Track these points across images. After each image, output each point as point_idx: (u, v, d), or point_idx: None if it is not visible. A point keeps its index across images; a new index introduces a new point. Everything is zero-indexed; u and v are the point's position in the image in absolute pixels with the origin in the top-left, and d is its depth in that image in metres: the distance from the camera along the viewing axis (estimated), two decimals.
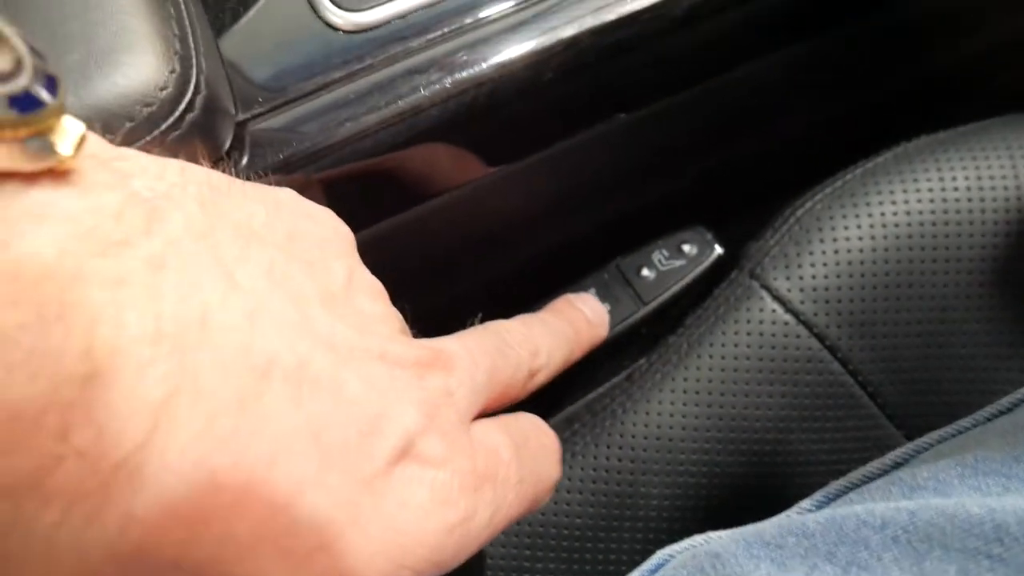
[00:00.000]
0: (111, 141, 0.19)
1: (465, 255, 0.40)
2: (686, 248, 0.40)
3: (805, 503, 0.30)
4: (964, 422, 0.31)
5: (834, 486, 0.30)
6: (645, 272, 0.40)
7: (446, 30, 0.31)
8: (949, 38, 0.47)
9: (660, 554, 0.27)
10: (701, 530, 0.37)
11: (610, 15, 0.32)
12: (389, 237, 0.34)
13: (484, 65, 0.30)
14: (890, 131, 0.41)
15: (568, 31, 0.32)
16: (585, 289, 0.40)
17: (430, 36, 0.31)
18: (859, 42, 0.43)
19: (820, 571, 0.23)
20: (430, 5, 0.31)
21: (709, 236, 0.40)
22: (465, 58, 0.30)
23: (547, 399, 0.39)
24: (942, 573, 0.20)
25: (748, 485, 0.37)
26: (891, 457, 0.31)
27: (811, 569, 0.23)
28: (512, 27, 0.32)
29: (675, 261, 0.40)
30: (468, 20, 0.31)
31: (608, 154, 0.40)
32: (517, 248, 0.42)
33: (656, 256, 0.40)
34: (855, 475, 0.30)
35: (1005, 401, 0.31)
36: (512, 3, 0.32)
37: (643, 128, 0.39)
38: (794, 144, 0.48)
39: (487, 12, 0.32)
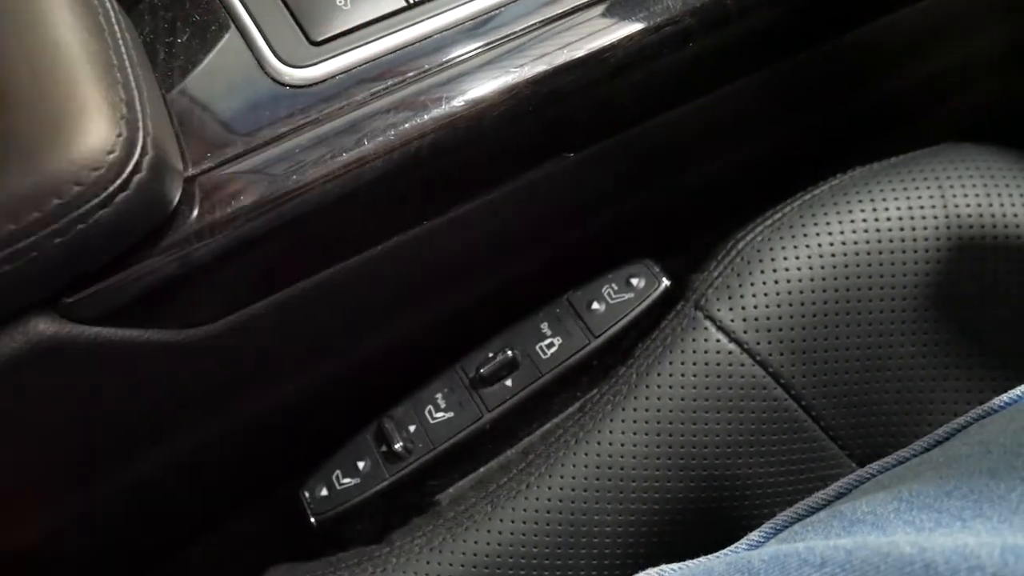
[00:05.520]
0: (60, 204, 0.19)
1: (418, 294, 0.41)
2: (634, 281, 0.41)
3: (754, 535, 0.30)
4: (904, 452, 0.32)
5: (781, 517, 0.31)
6: (595, 306, 0.41)
7: (390, 83, 0.32)
8: (882, 74, 0.49)
9: None
10: (654, 556, 0.38)
11: (550, 64, 0.34)
12: (339, 283, 0.35)
13: (426, 117, 0.32)
14: (827, 163, 0.43)
15: (510, 79, 0.33)
16: (538, 324, 0.41)
17: (374, 89, 0.32)
18: (794, 79, 0.44)
19: None
20: (373, 59, 0.33)
21: (657, 269, 0.41)
22: (409, 110, 0.32)
23: (502, 431, 0.40)
24: None
25: (699, 510, 0.38)
26: (834, 488, 0.31)
27: None
28: (455, 78, 0.33)
29: (624, 294, 0.41)
30: (411, 73, 0.33)
31: (558, 192, 0.41)
32: (472, 285, 0.43)
33: (606, 290, 0.41)
34: (801, 506, 0.31)
35: (941, 431, 0.32)
36: (457, 53, 0.34)
37: (591, 166, 0.40)
38: (740, 175, 0.50)
39: (429, 64, 0.33)
